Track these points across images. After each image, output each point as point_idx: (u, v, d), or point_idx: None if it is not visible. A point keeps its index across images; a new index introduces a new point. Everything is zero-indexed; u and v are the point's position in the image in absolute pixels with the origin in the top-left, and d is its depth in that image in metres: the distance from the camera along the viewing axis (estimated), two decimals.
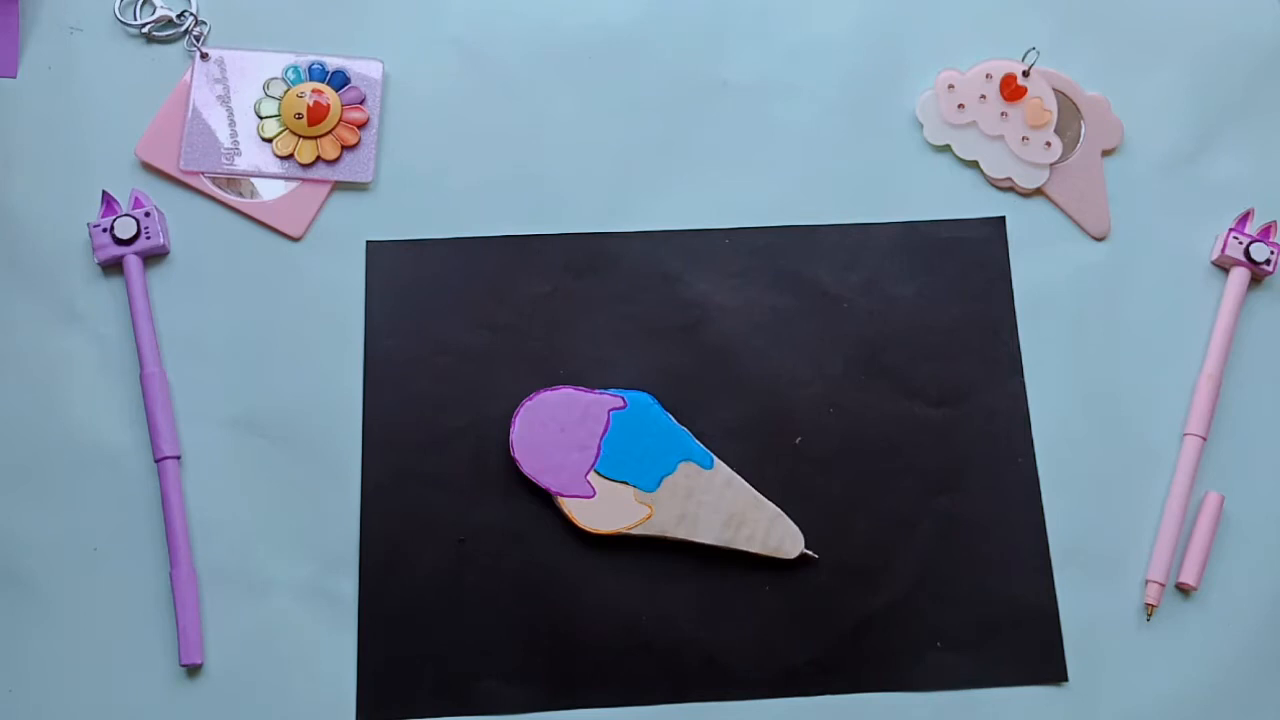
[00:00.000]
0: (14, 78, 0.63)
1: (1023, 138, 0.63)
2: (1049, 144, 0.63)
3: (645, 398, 0.58)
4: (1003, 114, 0.64)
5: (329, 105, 0.62)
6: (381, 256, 0.61)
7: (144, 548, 0.57)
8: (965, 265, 0.62)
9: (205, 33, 0.64)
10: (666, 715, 0.55)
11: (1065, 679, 0.56)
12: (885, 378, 0.60)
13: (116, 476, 0.58)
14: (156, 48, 0.64)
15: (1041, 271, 0.62)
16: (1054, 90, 0.64)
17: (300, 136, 0.62)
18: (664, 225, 0.62)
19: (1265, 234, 0.62)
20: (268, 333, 0.60)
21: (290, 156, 0.62)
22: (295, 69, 0.63)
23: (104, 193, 0.60)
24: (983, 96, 0.64)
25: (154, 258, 0.61)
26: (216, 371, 0.59)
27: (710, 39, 0.65)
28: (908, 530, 0.57)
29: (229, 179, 0.62)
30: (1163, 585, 0.57)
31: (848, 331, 0.61)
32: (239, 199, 0.61)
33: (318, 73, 0.63)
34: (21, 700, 0.55)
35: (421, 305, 0.60)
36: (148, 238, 0.60)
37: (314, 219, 0.62)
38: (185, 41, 0.64)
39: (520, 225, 0.62)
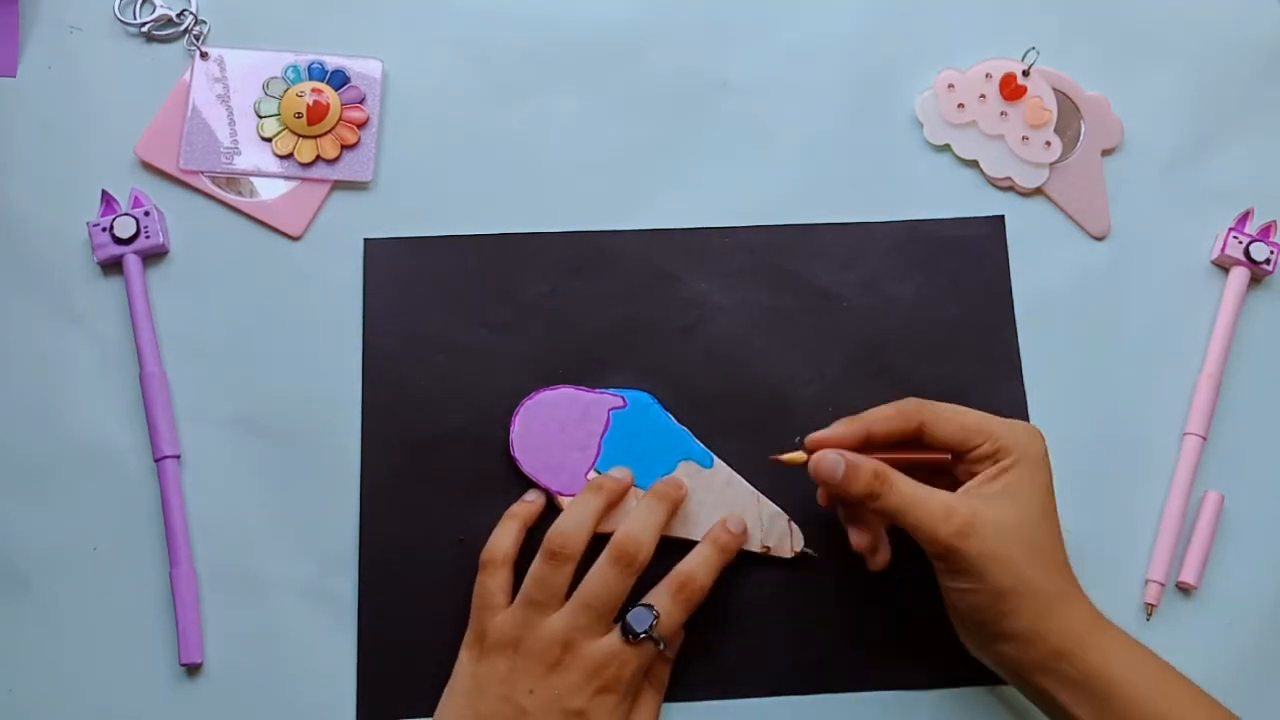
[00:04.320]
0: (14, 77, 0.63)
1: (1022, 137, 0.63)
2: (1049, 143, 0.63)
3: (645, 397, 0.58)
4: (1002, 113, 0.64)
5: (328, 104, 0.62)
6: (380, 254, 0.61)
7: (144, 548, 0.57)
8: (965, 265, 0.62)
9: (205, 32, 0.64)
10: (667, 714, 0.55)
11: None
12: (885, 377, 0.60)
13: (116, 476, 0.58)
14: (156, 47, 0.64)
15: (1041, 271, 0.62)
16: (1054, 90, 0.64)
17: (300, 136, 0.62)
18: (664, 224, 0.62)
19: (1265, 234, 0.62)
20: (267, 332, 0.60)
21: (290, 156, 0.62)
22: (295, 68, 0.63)
23: (104, 192, 0.60)
24: (983, 96, 0.64)
25: (154, 257, 0.61)
26: (216, 371, 0.59)
27: (710, 39, 0.65)
28: None
29: (229, 178, 0.62)
30: (1163, 585, 0.57)
31: (847, 331, 0.61)
32: (239, 198, 0.61)
33: (317, 72, 0.63)
34: (21, 700, 0.55)
35: (421, 304, 0.60)
36: (147, 237, 0.59)
37: (314, 218, 0.62)
38: (185, 41, 0.64)
39: (520, 224, 0.62)
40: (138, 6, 0.64)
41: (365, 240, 0.61)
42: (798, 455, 0.54)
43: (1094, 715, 0.48)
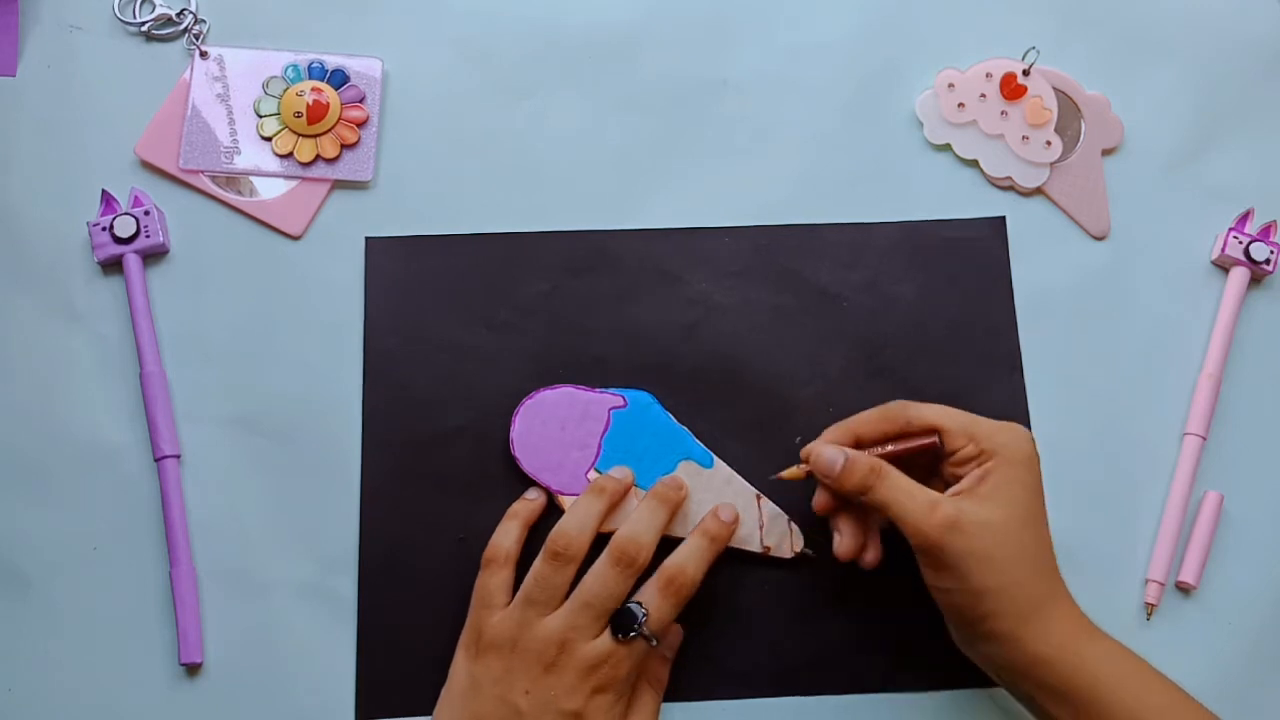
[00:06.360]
0: (14, 77, 0.63)
1: (1023, 137, 0.63)
2: (1049, 143, 0.63)
3: (645, 397, 0.58)
4: (1003, 113, 0.64)
5: (328, 104, 0.62)
6: (380, 253, 0.61)
7: (144, 547, 0.57)
8: (965, 265, 0.62)
9: (205, 31, 0.64)
10: (667, 714, 0.55)
11: None
12: (885, 377, 0.60)
13: (116, 476, 0.58)
14: (156, 46, 0.64)
15: (1041, 271, 0.62)
16: (1054, 89, 0.64)
17: (300, 135, 0.62)
18: (664, 223, 0.62)
19: (1265, 234, 0.62)
20: (267, 331, 0.60)
21: (290, 155, 0.62)
22: (295, 67, 0.63)
23: (104, 191, 0.60)
24: (983, 95, 0.64)
25: (154, 256, 0.61)
26: (216, 371, 0.59)
27: (710, 39, 0.65)
28: None
29: (228, 177, 0.62)
30: (1163, 585, 0.57)
31: (847, 331, 0.61)
32: (238, 197, 0.61)
33: (317, 71, 0.63)
34: (21, 700, 0.55)
35: (421, 303, 0.60)
36: (147, 236, 0.59)
37: (313, 218, 0.61)
38: (185, 40, 0.64)
39: (520, 223, 0.62)
40: (138, 6, 0.64)
41: (366, 239, 0.61)
42: (797, 470, 0.54)
43: None
